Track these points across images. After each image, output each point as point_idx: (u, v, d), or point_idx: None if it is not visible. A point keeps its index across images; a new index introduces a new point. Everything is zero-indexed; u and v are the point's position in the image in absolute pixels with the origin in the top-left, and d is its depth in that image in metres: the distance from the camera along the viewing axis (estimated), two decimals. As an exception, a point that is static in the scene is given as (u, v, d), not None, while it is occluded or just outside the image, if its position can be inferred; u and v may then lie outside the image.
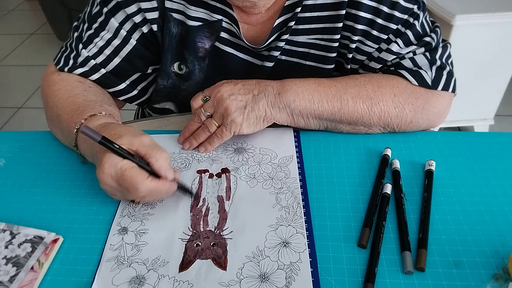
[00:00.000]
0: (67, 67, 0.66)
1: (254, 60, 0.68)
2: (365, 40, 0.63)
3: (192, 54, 0.67)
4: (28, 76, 2.37)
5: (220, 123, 0.59)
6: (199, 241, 0.49)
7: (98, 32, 0.65)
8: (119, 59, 0.67)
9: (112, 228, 0.51)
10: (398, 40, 0.62)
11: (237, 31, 0.65)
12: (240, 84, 0.60)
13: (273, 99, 0.58)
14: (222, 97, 0.58)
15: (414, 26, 0.62)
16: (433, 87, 0.62)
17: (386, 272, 0.45)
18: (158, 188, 0.50)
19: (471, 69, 1.46)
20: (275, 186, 0.55)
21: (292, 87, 0.59)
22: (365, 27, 0.62)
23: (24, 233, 0.50)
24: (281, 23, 0.64)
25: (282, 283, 0.44)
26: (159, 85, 0.71)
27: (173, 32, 0.66)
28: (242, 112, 0.58)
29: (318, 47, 0.66)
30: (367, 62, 0.66)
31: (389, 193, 0.53)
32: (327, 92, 0.59)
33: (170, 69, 0.69)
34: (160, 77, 0.70)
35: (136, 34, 0.66)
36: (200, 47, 0.67)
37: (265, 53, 0.67)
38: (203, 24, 0.65)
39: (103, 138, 0.48)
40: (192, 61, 0.68)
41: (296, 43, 0.66)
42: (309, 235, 0.49)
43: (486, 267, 0.46)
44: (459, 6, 1.37)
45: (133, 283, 0.45)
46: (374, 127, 0.62)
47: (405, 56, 0.63)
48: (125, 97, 0.72)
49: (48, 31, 2.66)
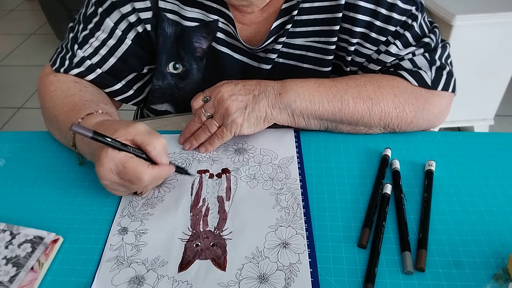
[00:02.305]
0: (63, 68, 0.66)
1: (250, 62, 0.68)
2: (364, 42, 0.63)
3: (189, 54, 0.67)
4: (28, 76, 2.38)
5: (221, 123, 0.59)
6: (198, 241, 0.49)
7: (93, 33, 0.66)
8: (115, 59, 0.67)
9: (112, 228, 0.51)
10: (397, 41, 0.62)
11: (233, 31, 0.65)
12: (240, 85, 0.59)
13: (274, 99, 0.58)
14: (223, 97, 0.58)
15: (413, 27, 0.62)
16: (433, 87, 0.62)
17: (386, 272, 0.45)
18: (159, 174, 0.51)
19: (471, 69, 1.46)
20: (275, 187, 0.55)
21: (293, 87, 0.59)
22: (363, 30, 0.62)
23: (24, 233, 0.50)
24: (278, 26, 0.64)
25: (282, 284, 0.44)
26: (155, 85, 0.71)
27: (168, 33, 0.66)
28: (242, 113, 0.58)
29: (315, 50, 0.66)
30: (366, 64, 0.66)
31: (389, 193, 0.53)
32: (327, 93, 0.59)
33: (165, 70, 0.69)
34: (155, 77, 0.70)
35: (131, 34, 0.66)
36: (197, 47, 0.67)
37: (261, 55, 0.67)
38: (199, 25, 0.65)
39: (95, 133, 0.47)
40: (189, 61, 0.68)
41: (293, 45, 0.66)
42: (309, 235, 0.49)
43: (486, 267, 0.46)
44: (459, 6, 1.37)
45: (132, 283, 0.45)
46: (374, 128, 0.62)
47: (404, 58, 0.63)
48: (121, 97, 0.72)
49: (48, 31, 2.66)
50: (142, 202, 0.54)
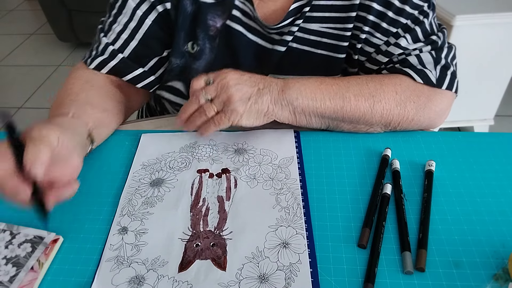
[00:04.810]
0: (90, 58, 0.68)
1: (264, 43, 0.68)
2: (375, 32, 0.65)
3: (203, 32, 0.68)
4: (28, 76, 2.37)
5: (220, 109, 0.57)
6: (198, 241, 0.49)
7: (116, 18, 0.68)
8: (136, 42, 0.68)
9: (112, 228, 0.51)
10: (407, 35, 0.64)
11: (250, 9, 0.66)
12: (247, 76, 0.59)
13: (277, 95, 0.58)
14: (228, 84, 0.57)
15: (423, 23, 0.64)
16: (438, 86, 0.62)
17: (386, 272, 0.45)
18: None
19: (471, 69, 1.46)
20: (275, 187, 0.55)
21: (295, 84, 0.59)
22: (376, 19, 0.64)
23: (24, 233, 0.50)
24: (296, 9, 0.65)
25: (282, 284, 0.44)
26: (173, 64, 0.71)
27: (188, 11, 0.67)
28: (245, 103, 0.57)
29: (330, 36, 0.67)
30: (374, 55, 0.67)
31: (389, 193, 0.53)
32: (329, 90, 0.59)
33: (183, 49, 0.70)
34: (174, 56, 0.70)
35: (152, 15, 0.67)
36: (211, 25, 0.68)
37: (276, 37, 0.67)
38: (215, 2, 0.66)
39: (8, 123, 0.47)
40: (203, 39, 0.69)
41: (308, 30, 0.67)
42: (309, 235, 0.49)
43: (486, 267, 0.46)
44: (459, 6, 1.37)
45: (132, 283, 0.45)
46: (375, 126, 0.62)
47: (412, 53, 0.64)
48: (144, 83, 0.71)
49: (48, 31, 2.66)
50: (142, 200, 0.54)
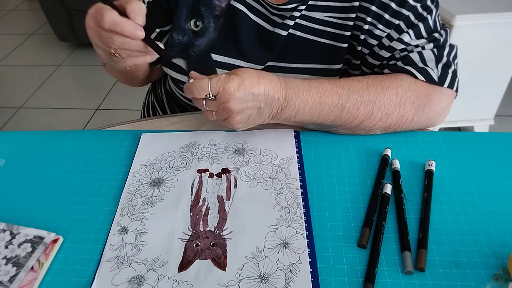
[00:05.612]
0: None
1: (265, 25, 0.69)
2: (377, 23, 0.65)
3: (209, 11, 0.69)
4: (28, 76, 2.37)
5: (219, 118, 0.59)
6: (198, 241, 0.49)
7: None
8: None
9: (112, 228, 0.51)
10: (410, 30, 0.64)
11: None
12: (250, 93, 0.56)
13: (275, 113, 0.59)
14: (231, 110, 0.56)
15: (427, 20, 0.64)
16: (440, 84, 0.62)
17: (386, 272, 0.45)
18: (121, 23, 0.52)
19: (471, 69, 1.46)
20: (275, 186, 0.55)
21: (296, 101, 0.58)
22: (378, 10, 0.64)
23: (24, 233, 0.50)
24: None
25: (282, 284, 0.44)
26: (174, 39, 0.71)
27: None
28: (244, 122, 0.59)
29: (333, 25, 0.67)
30: (377, 50, 0.67)
31: (389, 193, 0.53)
32: (329, 103, 0.59)
33: (186, 26, 0.70)
34: (175, 31, 0.70)
35: None
36: (216, 4, 0.68)
37: (278, 20, 0.68)
38: None
39: None
40: (208, 17, 0.69)
41: (312, 19, 0.67)
42: (309, 235, 0.49)
43: (486, 267, 0.46)
44: (459, 6, 1.37)
45: (132, 283, 0.45)
46: (375, 130, 0.62)
47: (414, 50, 0.64)
48: None
49: (48, 31, 2.66)
50: (142, 200, 0.54)
